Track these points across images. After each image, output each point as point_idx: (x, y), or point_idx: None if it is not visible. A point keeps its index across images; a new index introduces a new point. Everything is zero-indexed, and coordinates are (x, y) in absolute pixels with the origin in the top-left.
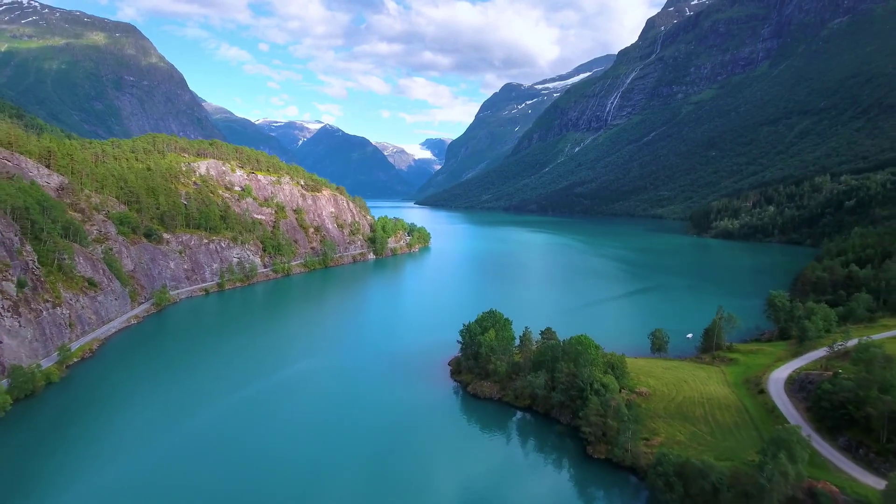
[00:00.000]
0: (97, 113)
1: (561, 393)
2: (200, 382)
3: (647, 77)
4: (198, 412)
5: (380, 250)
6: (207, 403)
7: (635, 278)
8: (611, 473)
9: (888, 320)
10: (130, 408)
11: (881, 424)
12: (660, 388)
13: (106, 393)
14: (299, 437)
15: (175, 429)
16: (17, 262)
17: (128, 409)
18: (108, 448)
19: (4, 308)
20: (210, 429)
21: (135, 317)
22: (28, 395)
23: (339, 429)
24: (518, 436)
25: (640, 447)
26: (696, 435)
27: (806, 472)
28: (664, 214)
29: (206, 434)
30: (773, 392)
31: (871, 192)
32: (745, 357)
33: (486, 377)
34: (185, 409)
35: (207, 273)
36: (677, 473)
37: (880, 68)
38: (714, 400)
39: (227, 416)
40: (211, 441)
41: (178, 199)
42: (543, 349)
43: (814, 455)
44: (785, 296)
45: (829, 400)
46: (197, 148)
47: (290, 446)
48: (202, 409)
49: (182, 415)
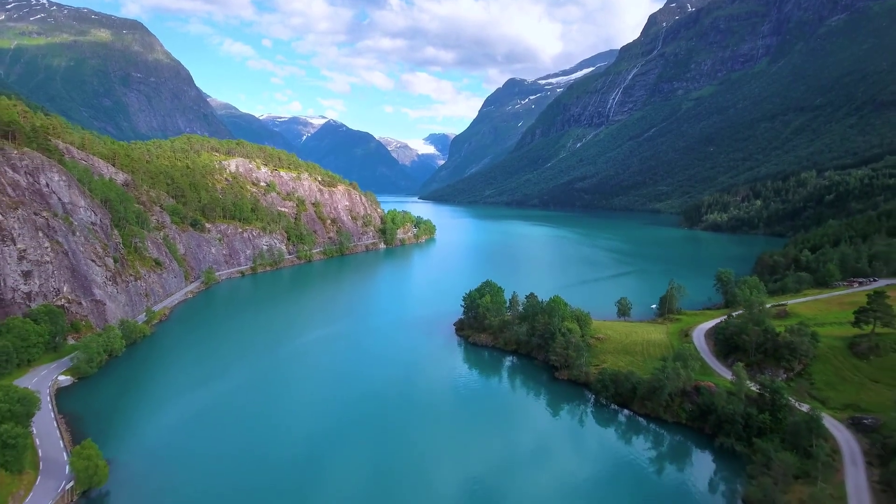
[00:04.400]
0: (105, 109)
1: (538, 338)
2: (248, 341)
3: (649, 73)
4: (248, 361)
5: (390, 240)
6: (254, 355)
7: (620, 264)
8: (571, 388)
9: (810, 291)
10: (200, 356)
11: (751, 346)
12: (614, 336)
13: (182, 344)
14: (334, 375)
15: (233, 371)
16: (111, 243)
17: (198, 357)
18: (190, 381)
19: (107, 278)
20: (259, 373)
21: (190, 292)
22: (132, 343)
23: (367, 371)
24: (506, 370)
25: (591, 370)
26: (632, 362)
27: (695, 377)
28: (662, 209)
29: (256, 377)
30: (695, 337)
31: (849, 187)
32: (689, 318)
33: (482, 330)
34: (238, 358)
35: (242, 258)
36: (611, 380)
37: (876, 65)
38: (651, 342)
39: (272, 364)
40: (261, 382)
41: (215, 193)
42: (527, 307)
43: (707, 368)
44: (731, 272)
45: (724, 333)
46: (226, 147)
47: (326, 383)
48: (252, 358)
49: (237, 362)
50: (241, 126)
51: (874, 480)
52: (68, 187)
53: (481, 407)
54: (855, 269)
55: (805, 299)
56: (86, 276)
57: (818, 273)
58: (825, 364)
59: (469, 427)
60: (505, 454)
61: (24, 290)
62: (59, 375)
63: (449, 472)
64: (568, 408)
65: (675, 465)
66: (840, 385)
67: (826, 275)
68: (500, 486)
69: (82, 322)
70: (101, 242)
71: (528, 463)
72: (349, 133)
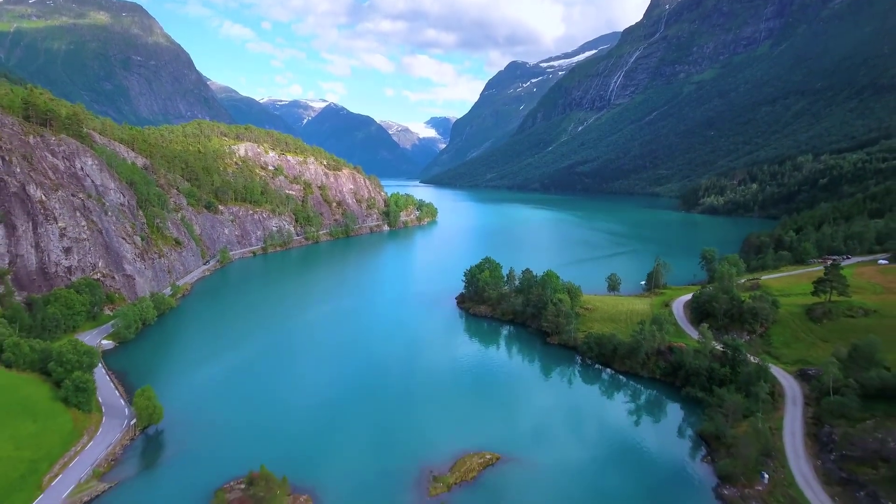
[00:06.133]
0: (106, 93)
1: (532, 308)
2: (264, 313)
3: (651, 56)
4: (267, 330)
5: (393, 223)
6: (272, 325)
7: (615, 245)
8: (561, 351)
9: (787, 267)
10: (223, 326)
11: (720, 312)
12: (601, 307)
13: (206, 316)
14: (345, 341)
15: (254, 338)
16: (138, 223)
17: (221, 327)
18: (217, 346)
19: (136, 255)
20: (278, 340)
21: (207, 270)
22: (161, 314)
23: (375, 338)
24: (503, 337)
25: (579, 335)
26: (616, 328)
27: (670, 339)
28: (661, 192)
29: (275, 343)
30: (675, 306)
31: (843, 170)
32: (673, 291)
33: (482, 303)
34: (257, 328)
35: (253, 238)
36: (596, 342)
37: (877, 49)
38: (635, 312)
39: (288, 333)
40: (279, 346)
41: (227, 176)
42: (523, 281)
43: (681, 331)
44: (714, 251)
45: (697, 301)
46: (235, 132)
47: (338, 348)
48: (270, 328)
49: (256, 331)
50: (241, 110)
51: (808, 416)
52: (100, 171)
53: (480, 369)
54: (831, 247)
55: (780, 274)
56: (118, 252)
57: (796, 251)
58: (784, 327)
59: (469, 387)
60: (501, 409)
61: (65, 264)
62: (102, 340)
63: (451, 425)
64: (558, 369)
65: (649, 414)
66: (794, 344)
67: (803, 253)
68: (496, 434)
69: (116, 294)
70: (129, 222)
71: (523, 416)
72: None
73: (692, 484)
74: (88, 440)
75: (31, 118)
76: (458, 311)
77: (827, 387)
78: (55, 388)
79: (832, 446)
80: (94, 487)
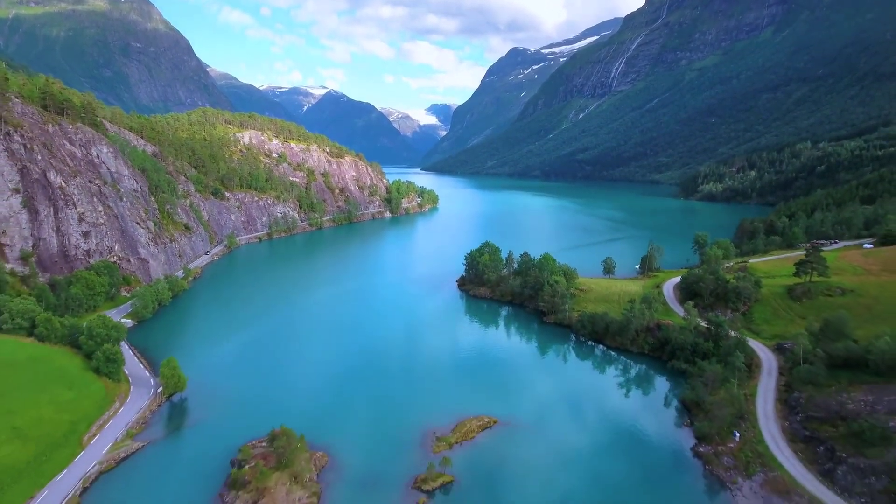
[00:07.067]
0: (106, 80)
1: (530, 289)
2: (273, 295)
3: (653, 43)
4: (276, 310)
5: (395, 209)
6: (281, 306)
7: (612, 231)
8: (556, 329)
9: (776, 251)
10: (234, 306)
11: (706, 291)
12: (596, 288)
13: (217, 297)
14: (351, 321)
15: (264, 318)
16: (150, 209)
17: (233, 307)
18: (229, 325)
19: (149, 239)
20: (287, 319)
21: (215, 254)
22: (175, 296)
23: (379, 317)
24: (502, 317)
25: (573, 314)
26: (609, 308)
27: (659, 317)
28: (661, 180)
29: (284, 322)
30: (665, 288)
31: (840, 158)
32: (665, 274)
33: (482, 285)
34: (267, 308)
35: (259, 224)
36: (589, 320)
37: (879, 35)
38: (628, 293)
39: (297, 313)
40: (289, 325)
41: (232, 164)
42: (521, 263)
43: (670, 310)
44: (706, 235)
45: (686, 282)
46: (239, 120)
47: (344, 327)
48: (279, 308)
49: (266, 311)
50: (241, 97)
51: (780, 384)
52: (114, 158)
53: (480, 345)
54: (820, 233)
55: (769, 258)
56: (132, 236)
57: (786, 237)
58: (765, 305)
59: (469, 361)
60: (499, 381)
61: (84, 247)
62: (122, 319)
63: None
64: (554, 345)
65: (638, 385)
66: (774, 321)
67: (792, 238)
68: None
69: (132, 276)
70: (143, 207)
71: (519, 387)
72: (350, 103)
73: (674, 444)
74: (120, 406)
75: (48, 107)
76: (459, 293)
77: (798, 357)
78: (86, 360)
79: (799, 409)
80: (130, 446)
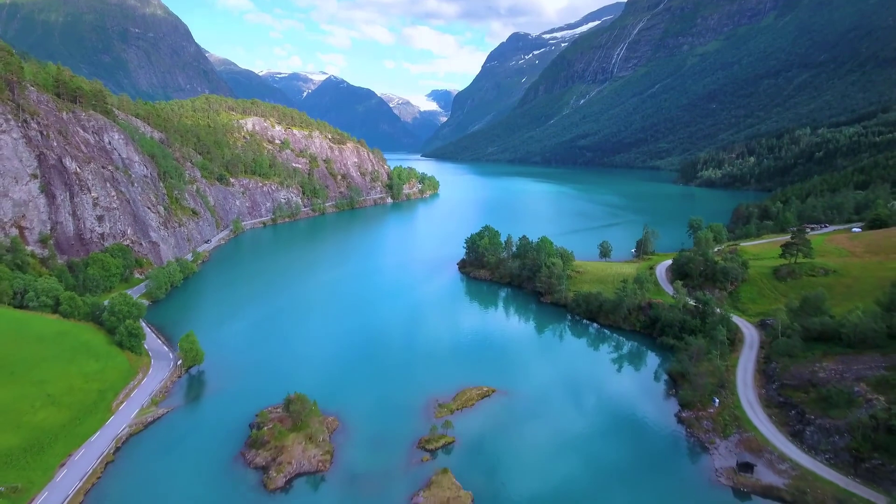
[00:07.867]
0: (105, 66)
1: (527, 271)
2: (279, 277)
3: (654, 28)
4: (283, 291)
5: (396, 195)
6: (288, 287)
7: (610, 216)
8: (553, 309)
9: (768, 235)
10: (242, 288)
11: (696, 272)
12: (591, 270)
13: (226, 279)
14: (355, 301)
15: (272, 298)
16: (160, 194)
17: (241, 288)
18: (239, 305)
19: (160, 223)
20: (294, 299)
21: (222, 239)
22: (186, 278)
23: (382, 298)
24: (501, 298)
25: (569, 294)
26: (603, 289)
27: (650, 296)
28: (662, 166)
29: (292, 302)
30: (658, 269)
31: (839, 144)
32: (659, 257)
33: (481, 267)
34: (274, 289)
35: (263, 210)
36: (584, 300)
37: (881, 20)
38: (622, 275)
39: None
40: (296, 305)
41: (236, 150)
42: (519, 246)
43: (661, 290)
44: (701, 219)
45: (677, 264)
46: (242, 106)
47: (349, 306)
48: (286, 289)
49: (274, 292)
50: (240, 83)
51: (760, 357)
52: (125, 144)
53: (480, 323)
54: (811, 217)
55: (760, 241)
56: (144, 221)
57: (779, 221)
58: (752, 285)
59: (469, 337)
60: (498, 355)
61: (98, 231)
62: (137, 298)
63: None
64: (550, 324)
65: (629, 360)
66: (759, 300)
67: (784, 222)
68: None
69: (144, 259)
70: (153, 192)
71: (517, 361)
72: (350, 89)
73: (659, 411)
74: (143, 377)
75: (61, 95)
76: (460, 275)
77: (777, 332)
78: (109, 335)
79: (775, 378)
80: (155, 411)
